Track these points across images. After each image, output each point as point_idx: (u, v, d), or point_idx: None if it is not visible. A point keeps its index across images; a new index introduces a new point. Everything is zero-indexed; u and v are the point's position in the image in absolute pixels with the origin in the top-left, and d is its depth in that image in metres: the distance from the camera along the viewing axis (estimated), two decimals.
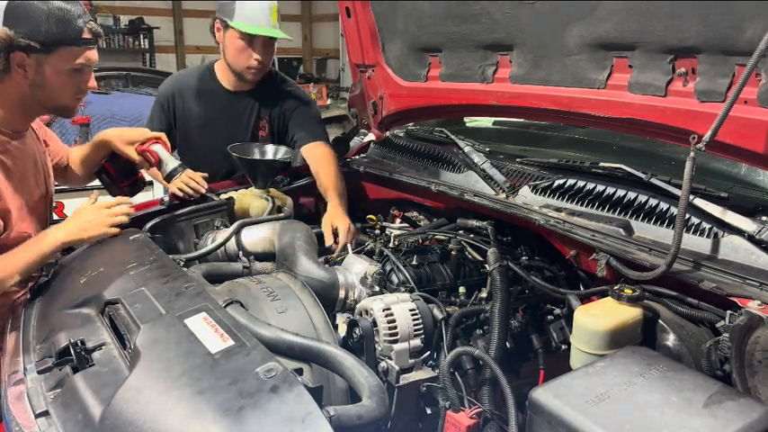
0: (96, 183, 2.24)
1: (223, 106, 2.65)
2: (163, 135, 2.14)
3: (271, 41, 2.52)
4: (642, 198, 1.68)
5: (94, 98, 6.40)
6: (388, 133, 2.71)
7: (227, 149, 2.36)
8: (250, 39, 2.46)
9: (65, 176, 2.22)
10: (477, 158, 2.12)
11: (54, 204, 2.11)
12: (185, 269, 1.65)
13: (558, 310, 1.77)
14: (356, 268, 1.72)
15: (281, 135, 2.71)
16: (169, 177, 2.16)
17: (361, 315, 1.51)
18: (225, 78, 2.65)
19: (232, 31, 2.46)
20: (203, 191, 2.24)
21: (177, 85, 2.70)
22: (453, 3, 2.00)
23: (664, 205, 1.62)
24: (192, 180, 2.22)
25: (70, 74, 1.74)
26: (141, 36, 10.09)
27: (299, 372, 1.16)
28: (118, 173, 2.15)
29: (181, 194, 2.22)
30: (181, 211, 2.16)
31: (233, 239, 1.95)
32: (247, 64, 2.51)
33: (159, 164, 2.11)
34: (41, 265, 1.76)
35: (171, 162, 2.14)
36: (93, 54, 1.78)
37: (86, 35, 1.73)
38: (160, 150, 2.10)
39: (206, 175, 2.30)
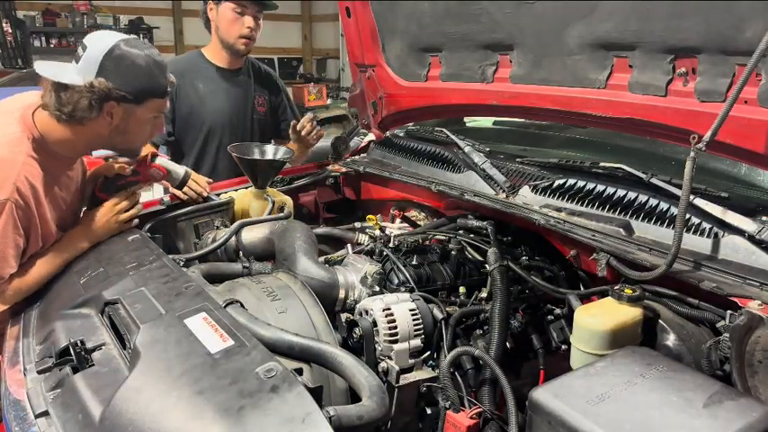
0: None
1: (222, 81, 2.79)
2: (153, 149, 2.19)
3: (259, 14, 2.72)
4: (642, 198, 1.68)
5: None
6: (388, 133, 2.71)
7: (230, 122, 2.65)
8: (242, 9, 2.65)
9: None
10: (477, 158, 2.12)
11: None
12: (185, 269, 1.65)
13: (558, 310, 1.77)
14: (356, 268, 1.71)
15: (274, 113, 3.00)
16: (181, 185, 2.18)
17: (361, 315, 1.51)
18: (216, 57, 2.79)
19: (225, 5, 2.65)
20: (206, 194, 2.27)
21: (172, 67, 2.69)
22: (453, 3, 2.00)
23: (664, 205, 1.62)
24: (195, 184, 2.25)
25: (150, 122, 1.82)
26: (141, 36, 10.08)
27: (299, 372, 1.16)
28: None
29: (185, 197, 2.25)
30: (181, 211, 2.16)
31: (233, 239, 1.95)
32: (239, 33, 2.69)
33: (168, 176, 2.13)
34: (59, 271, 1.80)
35: (178, 170, 2.16)
36: (167, 103, 1.87)
37: (169, 87, 1.81)
38: (165, 163, 2.13)
39: (210, 180, 2.35)
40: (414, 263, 1.78)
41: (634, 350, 1.26)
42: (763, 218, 1.45)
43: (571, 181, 1.86)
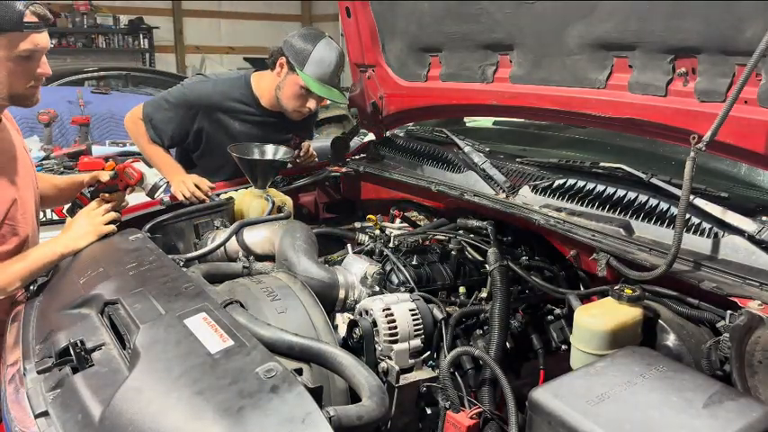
0: None
1: (261, 123, 2.61)
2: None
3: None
4: (642, 198, 1.68)
5: (94, 98, 6.41)
6: (388, 133, 2.71)
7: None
8: (310, 91, 2.44)
9: None
10: (477, 158, 2.12)
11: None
12: (185, 269, 1.65)
13: (558, 310, 1.77)
14: (356, 268, 1.71)
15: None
16: (151, 193, 2.11)
17: (361, 315, 1.51)
18: (265, 96, 2.58)
19: (296, 77, 2.43)
20: (208, 200, 2.28)
21: (213, 95, 2.57)
22: (453, 3, 2.00)
23: (664, 205, 1.62)
24: (198, 189, 2.25)
25: (18, 61, 1.65)
26: (141, 36, 10.09)
27: (299, 372, 1.16)
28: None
29: (186, 201, 2.26)
30: (181, 211, 2.16)
31: (233, 239, 1.95)
32: (299, 110, 2.52)
33: (141, 180, 2.06)
34: (40, 274, 1.79)
35: (152, 179, 2.09)
36: (40, 39, 1.66)
37: (30, 18, 1.62)
38: (143, 168, 2.06)
39: (214, 186, 2.34)
40: (414, 263, 1.78)
41: (634, 350, 1.26)
42: (763, 218, 1.45)
43: (571, 181, 1.86)
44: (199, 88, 2.63)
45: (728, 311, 1.28)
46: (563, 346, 1.70)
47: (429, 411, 1.40)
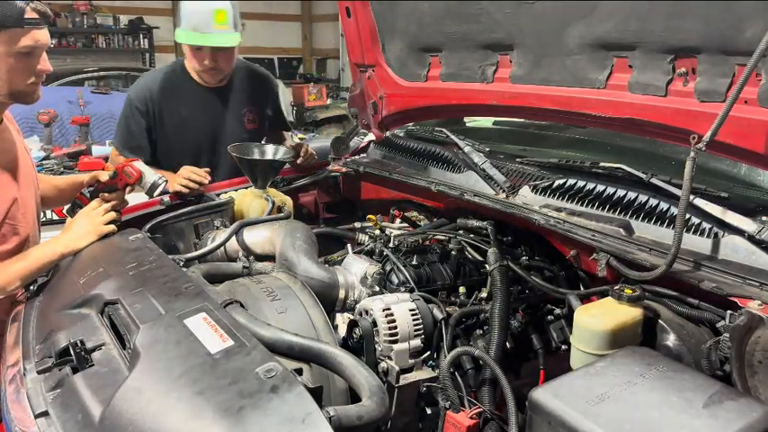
0: None
1: (203, 103, 2.61)
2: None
3: (218, 51, 2.48)
4: (642, 198, 1.68)
5: (94, 98, 6.42)
6: (388, 133, 2.71)
7: (212, 146, 2.41)
8: (199, 47, 2.44)
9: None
10: (477, 158, 2.12)
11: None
12: (185, 269, 1.65)
13: (558, 310, 1.77)
14: (356, 268, 1.71)
15: (268, 125, 2.79)
16: (150, 191, 2.10)
17: (361, 315, 1.51)
18: (194, 73, 2.60)
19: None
20: (206, 181, 2.26)
21: (152, 86, 2.59)
22: (453, 3, 2.00)
23: (664, 205, 1.62)
24: (194, 174, 2.23)
25: (18, 57, 1.66)
26: (141, 36, 10.09)
27: (299, 372, 1.16)
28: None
29: (186, 191, 2.25)
30: (181, 211, 2.16)
31: (233, 239, 1.95)
32: (201, 68, 2.51)
33: (140, 179, 2.06)
34: (40, 274, 1.79)
35: (151, 177, 2.07)
36: (41, 35, 1.68)
37: (30, 15, 1.63)
38: (141, 166, 2.06)
39: (208, 169, 2.33)
40: (414, 263, 1.78)
41: (634, 350, 1.26)
42: (763, 218, 1.45)
43: (571, 181, 1.86)
44: (137, 86, 2.65)
45: (728, 311, 1.28)
46: (563, 346, 1.70)
47: (429, 411, 1.40)
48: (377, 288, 1.65)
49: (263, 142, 2.69)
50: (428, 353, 1.49)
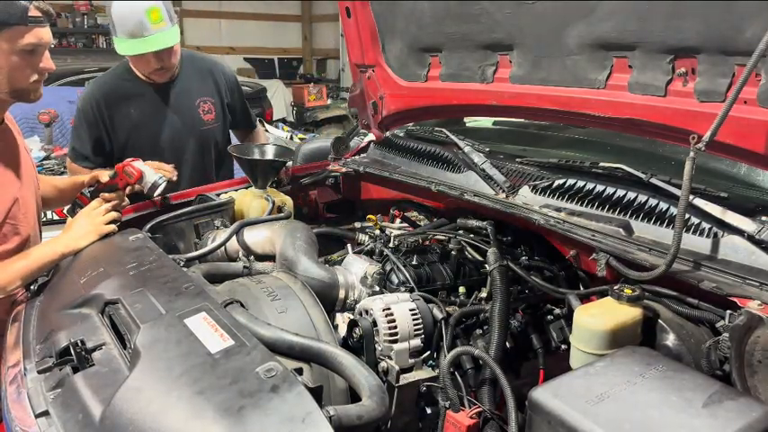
0: None
1: (154, 102, 2.55)
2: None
3: (161, 51, 2.40)
4: (642, 198, 1.68)
5: None
6: (388, 133, 2.71)
7: (172, 144, 2.40)
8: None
9: None
10: (477, 158, 2.12)
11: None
12: (185, 269, 1.65)
13: (558, 310, 1.77)
14: (356, 268, 1.72)
15: (230, 113, 2.74)
16: (151, 191, 2.10)
17: (361, 315, 1.51)
18: (143, 75, 2.53)
19: None
20: (174, 177, 2.22)
21: (98, 94, 2.53)
22: (453, 3, 2.00)
23: (664, 205, 1.62)
24: (161, 170, 2.17)
25: (22, 55, 1.67)
26: None
27: (299, 372, 1.16)
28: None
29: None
30: (181, 211, 2.16)
31: (233, 239, 1.95)
32: (148, 70, 2.47)
33: (140, 179, 2.06)
34: (41, 274, 1.80)
35: (152, 177, 2.08)
36: (44, 33, 1.70)
37: (34, 13, 1.65)
38: (142, 166, 2.07)
39: (173, 165, 2.29)
40: (414, 263, 1.78)
41: (634, 350, 1.26)
42: (763, 218, 1.45)
43: (571, 181, 1.86)
44: (84, 95, 2.58)
45: (728, 311, 1.28)
46: (563, 346, 1.70)
47: (429, 411, 1.40)
48: (377, 288, 1.65)
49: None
50: (428, 353, 1.50)
